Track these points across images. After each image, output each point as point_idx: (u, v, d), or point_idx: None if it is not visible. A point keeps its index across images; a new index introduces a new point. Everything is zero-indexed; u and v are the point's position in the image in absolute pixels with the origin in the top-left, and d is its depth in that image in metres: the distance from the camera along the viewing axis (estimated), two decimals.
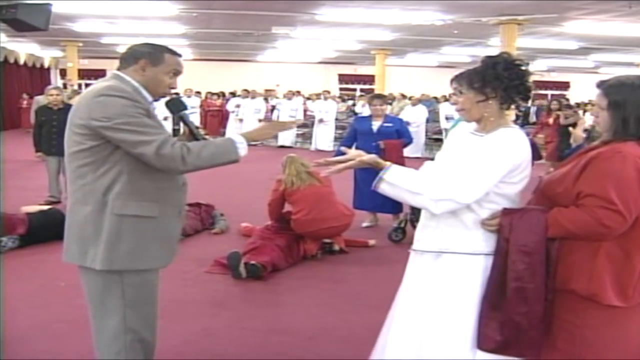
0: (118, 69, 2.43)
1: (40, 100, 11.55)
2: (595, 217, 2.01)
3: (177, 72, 2.46)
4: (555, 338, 2.14)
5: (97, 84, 2.37)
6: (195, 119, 15.77)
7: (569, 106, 10.78)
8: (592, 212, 2.02)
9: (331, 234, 5.46)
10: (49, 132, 7.30)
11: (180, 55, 2.49)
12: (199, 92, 18.05)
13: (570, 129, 3.01)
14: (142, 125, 2.24)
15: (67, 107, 7.47)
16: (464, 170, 2.17)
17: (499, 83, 2.23)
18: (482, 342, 2.19)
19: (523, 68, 2.28)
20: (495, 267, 2.18)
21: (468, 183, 2.15)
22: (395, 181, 2.20)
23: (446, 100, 18.42)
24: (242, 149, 2.37)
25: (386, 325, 2.52)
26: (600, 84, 2.19)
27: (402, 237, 6.07)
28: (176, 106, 2.63)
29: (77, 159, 2.31)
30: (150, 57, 2.39)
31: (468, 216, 2.24)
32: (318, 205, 5.26)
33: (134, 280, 2.39)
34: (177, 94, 12.55)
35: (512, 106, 2.33)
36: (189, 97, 16.34)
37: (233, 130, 15.07)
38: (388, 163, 2.25)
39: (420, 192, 2.17)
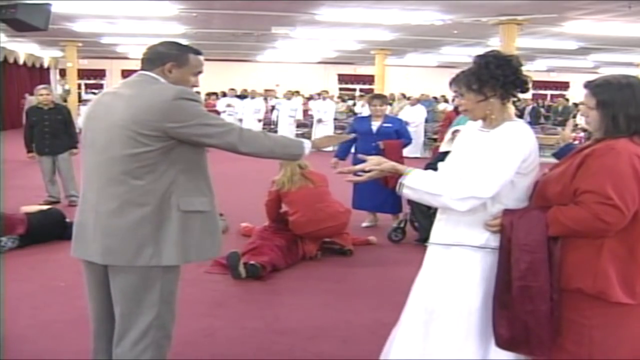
0: (143, 69, 2.45)
1: (32, 100, 11.54)
2: (593, 213, 2.03)
3: (200, 72, 2.54)
4: (564, 339, 2.15)
5: (156, 86, 2.37)
6: None
7: None
8: (590, 208, 2.04)
9: (329, 233, 5.46)
10: (41, 132, 7.25)
11: (201, 54, 2.54)
12: (198, 92, 18.00)
13: (559, 128, 3.04)
14: (217, 119, 2.47)
15: (58, 107, 7.43)
16: (479, 166, 2.23)
17: (496, 81, 2.29)
18: (495, 339, 2.24)
19: (513, 62, 2.32)
20: (500, 266, 2.23)
21: (486, 178, 2.20)
22: (415, 185, 2.27)
23: (445, 101, 18.47)
24: (307, 148, 2.57)
25: (399, 321, 2.54)
26: (588, 84, 2.22)
27: (401, 237, 6.07)
28: None
29: (136, 161, 2.29)
30: (176, 58, 2.44)
31: (480, 211, 2.28)
32: (313, 206, 5.26)
33: (172, 276, 2.44)
34: None
35: (512, 99, 2.38)
36: None
37: None
38: (408, 168, 2.32)
39: (440, 193, 2.23)
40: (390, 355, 2.51)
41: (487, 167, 2.21)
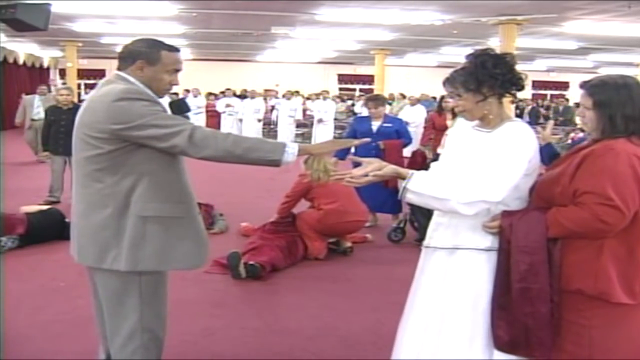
0: (118, 69, 2.41)
1: (28, 100, 11.53)
2: (594, 214, 2.03)
3: (176, 70, 2.43)
4: (563, 340, 2.15)
5: (108, 87, 2.33)
6: (200, 119, 15.62)
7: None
8: (590, 209, 2.04)
9: (354, 228, 5.59)
10: (56, 132, 7.32)
11: (178, 50, 2.44)
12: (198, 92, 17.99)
13: (539, 128, 3.04)
14: (167, 118, 2.27)
15: (76, 107, 7.49)
16: (487, 169, 2.20)
17: (494, 81, 2.27)
18: (494, 342, 2.23)
19: (508, 60, 2.31)
20: (500, 268, 2.22)
21: (495, 181, 2.18)
22: (420, 189, 2.21)
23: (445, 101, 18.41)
24: (290, 154, 2.27)
25: (402, 324, 2.52)
26: (584, 85, 2.22)
27: (401, 237, 6.08)
28: (180, 108, 2.64)
29: (92, 163, 2.29)
30: (146, 56, 2.36)
31: (483, 214, 2.26)
32: (348, 199, 5.41)
33: (151, 279, 2.40)
34: (176, 93, 12.55)
35: (508, 98, 2.37)
36: (195, 96, 16.24)
37: (229, 131, 14.91)
38: (409, 172, 2.25)
39: (447, 197, 2.18)
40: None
41: (495, 170, 2.18)
